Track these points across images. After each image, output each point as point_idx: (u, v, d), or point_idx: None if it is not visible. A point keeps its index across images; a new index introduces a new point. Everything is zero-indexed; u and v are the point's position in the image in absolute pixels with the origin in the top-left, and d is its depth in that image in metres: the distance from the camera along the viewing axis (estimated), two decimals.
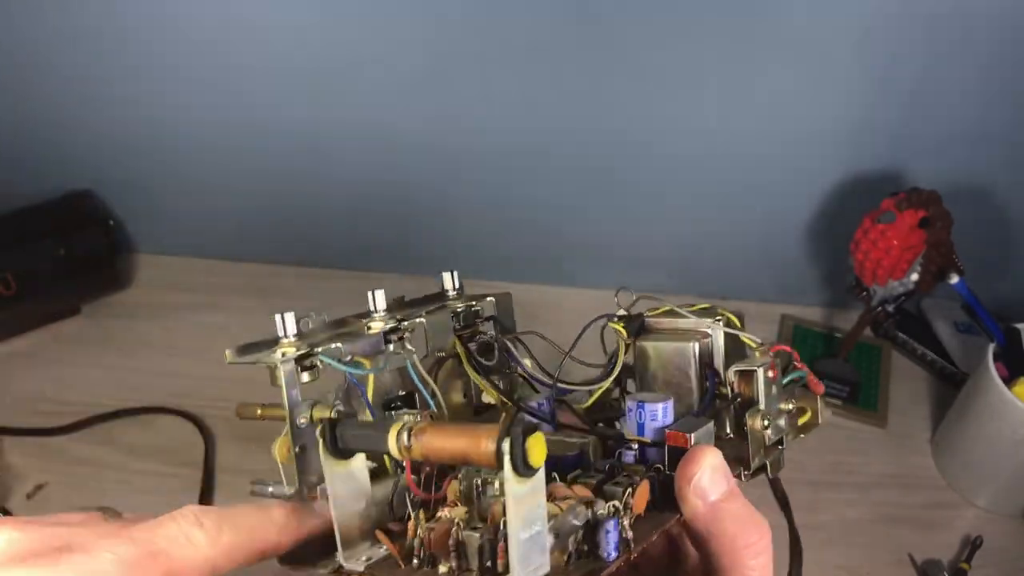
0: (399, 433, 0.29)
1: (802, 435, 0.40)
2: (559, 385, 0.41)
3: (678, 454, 0.33)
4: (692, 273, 0.88)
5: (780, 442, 0.38)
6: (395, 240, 0.86)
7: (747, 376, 0.37)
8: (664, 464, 0.34)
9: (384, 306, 0.39)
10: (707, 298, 0.89)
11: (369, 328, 0.38)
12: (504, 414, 0.39)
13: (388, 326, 0.38)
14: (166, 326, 0.82)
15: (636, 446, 0.36)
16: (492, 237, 0.85)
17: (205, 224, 0.88)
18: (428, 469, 0.33)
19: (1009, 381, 0.67)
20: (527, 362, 0.44)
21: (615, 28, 0.70)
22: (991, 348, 0.69)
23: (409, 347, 0.39)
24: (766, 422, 0.36)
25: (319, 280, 0.88)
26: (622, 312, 0.42)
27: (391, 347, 0.39)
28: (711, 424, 0.35)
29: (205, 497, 0.69)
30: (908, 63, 0.71)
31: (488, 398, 0.42)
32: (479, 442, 0.27)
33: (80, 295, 0.82)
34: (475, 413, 0.44)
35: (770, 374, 0.36)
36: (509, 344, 0.43)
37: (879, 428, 0.79)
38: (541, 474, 0.27)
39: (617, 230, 0.85)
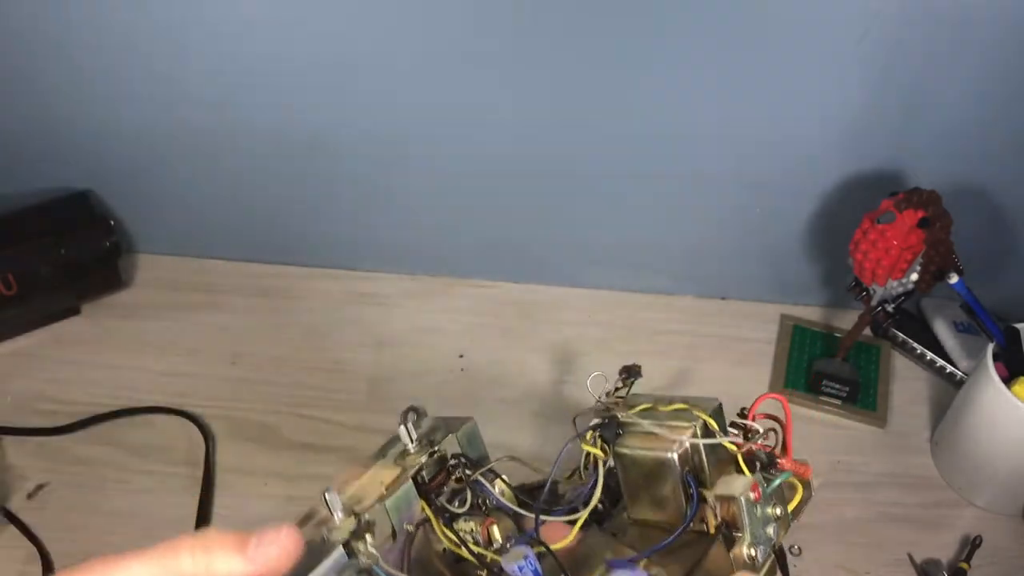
0: None
1: (797, 518, 0.39)
2: (541, 518, 0.41)
3: None
4: (692, 273, 0.88)
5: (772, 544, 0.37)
6: (397, 240, 0.86)
7: (727, 499, 0.36)
8: None
9: (340, 507, 0.40)
10: (707, 298, 0.89)
11: (328, 537, 0.39)
12: None
13: (348, 533, 0.39)
14: (166, 326, 0.82)
15: None
16: (493, 237, 0.85)
17: (205, 224, 0.88)
18: None
19: (1009, 381, 0.67)
20: (503, 491, 0.44)
21: (613, 26, 0.70)
22: (990, 348, 0.69)
23: (372, 551, 0.39)
24: (752, 552, 0.35)
25: (319, 280, 0.88)
26: (596, 421, 0.41)
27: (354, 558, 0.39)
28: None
29: (205, 497, 0.69)
30: (908, 63, 0.71)
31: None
32: None
33: (80, 295, 0.82)
34: (455, 562, 0.44)
35: (752, 496, 0.36)
36: (481, 479, 0.43)
37: (878, 428, 0.79)
38: None
39: (616, 231, 0.85)
